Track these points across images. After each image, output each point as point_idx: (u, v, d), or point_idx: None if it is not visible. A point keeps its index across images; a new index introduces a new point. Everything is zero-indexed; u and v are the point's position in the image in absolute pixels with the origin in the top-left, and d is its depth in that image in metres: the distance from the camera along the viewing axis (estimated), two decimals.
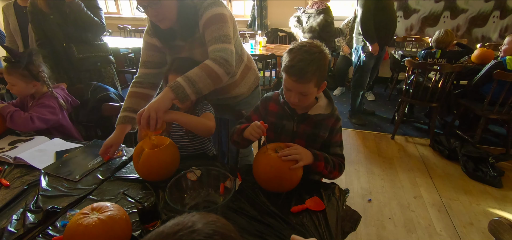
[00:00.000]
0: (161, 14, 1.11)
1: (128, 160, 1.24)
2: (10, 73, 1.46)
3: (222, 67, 1.10)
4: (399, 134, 3.13)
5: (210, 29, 1.15)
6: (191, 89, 1.06)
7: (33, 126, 1.45)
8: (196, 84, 1.07)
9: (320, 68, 0.97)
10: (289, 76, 1.00)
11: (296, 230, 0.86)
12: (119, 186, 1.07)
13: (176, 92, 1.04)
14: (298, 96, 1.01)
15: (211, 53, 1.13)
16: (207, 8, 1.15)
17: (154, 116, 1.01)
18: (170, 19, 1.15)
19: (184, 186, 0.96)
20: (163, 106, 1.04)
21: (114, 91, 1.88)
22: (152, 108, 1.01)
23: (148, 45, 1.31)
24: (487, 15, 4.04)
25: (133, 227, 0.85)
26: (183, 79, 1.06)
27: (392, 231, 1.85)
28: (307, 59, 0.95)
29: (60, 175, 1.12)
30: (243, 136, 1.09)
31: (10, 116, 1.41)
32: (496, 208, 2.05)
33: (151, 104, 1.03)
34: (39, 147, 1.33)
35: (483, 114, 2.57)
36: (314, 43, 1.00)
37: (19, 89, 1.50)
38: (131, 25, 5.18)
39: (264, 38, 3.89)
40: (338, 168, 1.09)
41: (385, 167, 2.55)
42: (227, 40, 1.15)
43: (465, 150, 2.53)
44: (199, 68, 1.09)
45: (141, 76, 1.34)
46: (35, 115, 1.45)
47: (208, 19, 1.15)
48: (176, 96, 1.05)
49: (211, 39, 1.15)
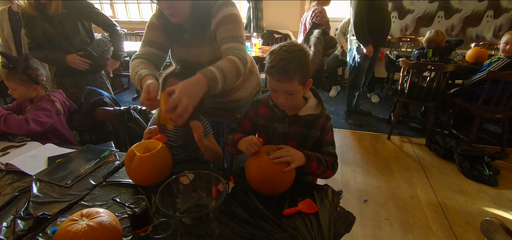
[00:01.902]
0: (175, 7, 1.08)
1: (121, 164, 1.23)
2: (9, 78, 1.46)
3: (244, 66, 1.10)
4: (395, 134, 3.14)
5: (226, 28, 1.13)
6: (221, 84, 1.00)
7: (28, 128, 1.43)
8: (227, 79, 1.02)
9: (302, 66, 0.97)
10: (272, 76, 1.01)
11: (288, 233, 0.85)
12: (111, 191, 1.06)
13: (210, 83, 0.96)
14: (284, 96, 1.01)
15: (230, 50, 1.10)
16: (222, 7, 1.14)
17: (185, 104, 0.87)
18: (183, 14, 1.12)
19: (175, 190, 0.96)
20: (196, 97, 0.92)
21: (108, 95, 1.88)
22: (184, 93, 0.88)
23: (155, 25, 1.23)
24: (481, 14, 4.07)
25: (124, 232, 0.85)
26: (217, 70, 0.98)
27: (388, 232, 1.85)
28: (288, 57, 0.96)
29: (51, 180, 1.11)
30: (237, 148, 1.08)
31: (4, 120, 1.40)
32: (492, 207, 2.05)
33: (183, 89, 0.89)
34: (31, 153, 1.32)
35: (478, 113, 2.58)
36: (294, 43, 1.01)
37: (20, 93, 1.50)
38: (127, 29, 5.17)
39: (260, 40, 3.90)
40: (331, 167, 1.09)
41: (381, 167, 2.55)
42: (243, 41, 1.15)
43: (460, 149, 2.53)
44: (229, 63, 1.04)
45: (145, 54, 1.20)
46: (30, 117, 1.45)
47: (223, 18, 1.14)
48: (208, 88, 0.96)
49: (227, 37, 1.13)
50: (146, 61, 1.18)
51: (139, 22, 5.57)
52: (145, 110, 1.66)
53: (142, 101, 0.98)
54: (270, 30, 4.83)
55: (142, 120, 1.63)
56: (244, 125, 1.22)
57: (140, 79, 1.07)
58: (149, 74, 1.07)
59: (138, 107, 1.66)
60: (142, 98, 0.98)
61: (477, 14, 4.08)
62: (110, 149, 1.35)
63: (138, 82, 1.08)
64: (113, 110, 1.63)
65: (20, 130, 1.43)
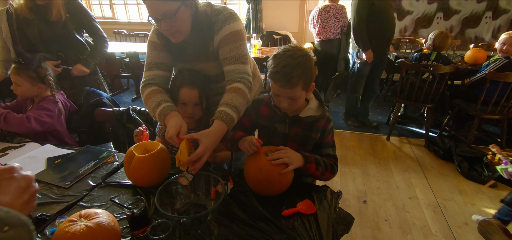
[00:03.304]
0: (175, 27, 1.02)
1: (120, 165, 1.23)
2: (19, 73, 1.48)
3: (250, 91, 1.11)
4: (394, 135, 3.14)
5: (228, 47, 1.10)
6: (237, 120, 1.05)
7: (29, 126, 1.44)
8: (240, 113, 1.06)
9: (305, 72, 0.97)
10: (275, 82, 1.00)
11: (287, 234, 0.85)
12: (110, 192, 1.06)
13: (229, 125, 1.01)
14: (287, 101, 1.01)
15: (233, 74, 1.10)
16: (224, 24, 1.09)
17: (205, 159, 0.93)
18: (184, 33, 1.07)
19: (174, 191, 0.96)
20: (216, 145, 0.99)
21: (107, 96, 1.87)
22: (209, 149, 0.94)
23: (157, 46, 1.17)
24: (480, 15, 4.09)
25: (122, 233, 0.85)
26: (232, 110, 1.02)
27: (387, 233, 1.85)
28: (292, 64, 0.95)
29: (50, 181, 1.11)
30: (237, 146, 1.09)
31: (4, 118, 1.41)
32: (491, 208, 2.05)
33: (208, 144, 0.94)
34: (30, 154, 1.32)
35: (477, 114, 2.58)
36: (298, 47, 1.00)
37: (23, 90, 1.51)
38: (126, 30, 5.18)
39: (259, 41, 3.90)
40: (330, 169, 1.09)
41: (381, 168, 2.55)
42: (246, 60, 1.13)
43: (459, 150, 2.54)
44: (239, 95, 1.05)
45: (155, 78, 1.16)
46: (32, 115, 1.46)
47: (225, 36, 1.10)
48: (228, 129, 1.01)
49: (229, 58, 1.11)
50: (160, 89, 1.14)
51: (138, 23, 5.58)
52: (144, 112, 1.66)
53: (171, 139, 0.98)
54: (269, 31, 4.84)
55: (141, 120, 1.63)
56: (243, 122, 1.22)
57: (165, 115, 1.05)
58: (175, 110, 1.07)
59: (137, 108, 1.66)
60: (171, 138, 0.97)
61: (476, 15, 4.10)
62: (109, 149, 1.35)
63: (161, 117, 1.06)
64: (112, 111, 1.64)
65: (20, 128, 1.43)
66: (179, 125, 0.99)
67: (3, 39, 2.41)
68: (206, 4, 1.12)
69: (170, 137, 0.97)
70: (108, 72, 4.44)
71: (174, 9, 0.97)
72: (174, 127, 0.98)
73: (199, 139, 0.94)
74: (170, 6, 0.96)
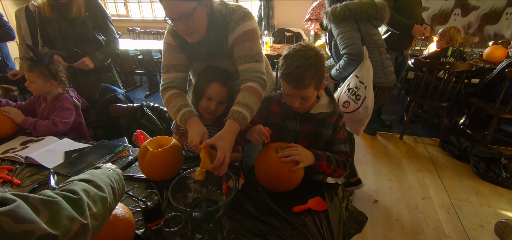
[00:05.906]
0: (191, 27, 1.02)
1: (134, 159, 1.26)
2: (32, 70, 1.53)
3: (264, 89, 1.10)
4: (408, 134, 3.08)
5: (243, 46, 1.10)
6: (250, 118, 1.04)
7: (57, 130, 1.52)
8: (253, 112, 1.05)
9: (317, 72, 0.97)
10: (287, 83, 1.00)
11: (298, 230, 0.86)
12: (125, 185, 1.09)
13: (241, 124, 1.01)
14: (299, 100, 1.02)
15: (248, 73, 1.09)
16: (239, 23, 1.09)
17: (228, 160, 0.93)
18: (200, 33, 1.07)
19: (187, 186, 0.98)
20: (233, 144, 0.98)
21: (122, 92, 1.92)
22: (227, 149, 0.94)
23: (173, 47, 1.17)
24: (500, 11, 3.94)
25: (136, 225, 0.87)
26: (244, 109, 1.02)
27: (399, 233, 1.82)
28: (304, 65, 0.95)
29: (68, 174, 1.15)
30: (245, 136, 1.09)
31: (33, 127, 1.49)
32: (508, 210, 1.99)
33: (223, 147, 0.93)
34: (49, 147, 1.37)
35: (495, 113, 2.50)
36: (309, 46, 1.00)
37: (37, 86, 1.56)
38: (140, 27, 5.26)
39: (271, 38, 3.89)
40: (343, 166, 1.08)
41: (393, 167, 2.51)
42: (260, 59, 1.12)
43: (476, 150, 2.47)
44: (252, 94, 1.05)
45: (173, 80, 1.18)
46: (57, 120, 1.53)
47: (240, 35, 1.09)
48: (241, 128, 1.01)
49: (243, 57, 1.10)
50: (180, 92, 1.16)
51: (152, 21, 5.66)
52: (157, 108, 1.69)
53: (195, 148, 0.99)
54: (281, 28, 4.82)
55: (154, 116, 1.66)
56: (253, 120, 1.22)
57: (186, 120, 1.08)
58: (195, 115, 1.09)
59: (151, 105, 1.70)
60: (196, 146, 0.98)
61: (496, 12, 3.95)
62: (124, 144, 1.39)
63: (182, 121, 1.09)
64: (127, 107, 1.68)
65: (49, 133, 1.50)
66: (202, 134, 1.01)
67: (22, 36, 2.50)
68: (221, 3, 1.12)
69: (195, 145, 0.98)
70: (122, 69, 4.53)
71: (191, 9, 0.97)
72: (198, 135, 1.00)
73: (215, 144, 0.94)
74: (187, 6, 0.97)
